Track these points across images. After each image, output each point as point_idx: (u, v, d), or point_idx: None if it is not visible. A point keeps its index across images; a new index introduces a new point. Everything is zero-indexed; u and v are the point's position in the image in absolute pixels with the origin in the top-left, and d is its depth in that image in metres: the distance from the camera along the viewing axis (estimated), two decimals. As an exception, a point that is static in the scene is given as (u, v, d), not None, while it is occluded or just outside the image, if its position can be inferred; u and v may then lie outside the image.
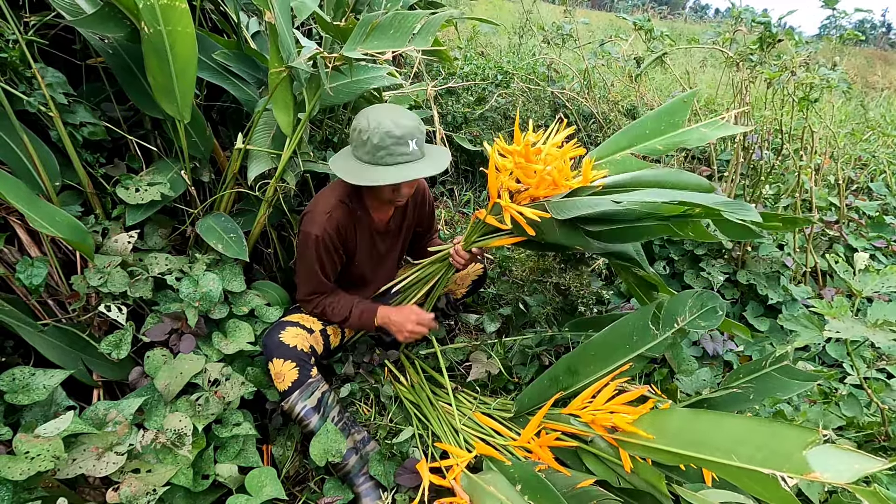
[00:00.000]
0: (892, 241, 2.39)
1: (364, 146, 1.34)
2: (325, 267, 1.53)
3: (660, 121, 1.47)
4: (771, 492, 0.91)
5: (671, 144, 1.42)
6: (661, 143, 1.43)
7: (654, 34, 2.52)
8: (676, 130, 1.43)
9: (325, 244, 1.48)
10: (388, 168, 1.33)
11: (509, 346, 1.85)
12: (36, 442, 1.02)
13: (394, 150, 1.32)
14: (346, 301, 1.59)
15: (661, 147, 1.42)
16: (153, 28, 1.27)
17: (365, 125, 1.33)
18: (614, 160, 1.52)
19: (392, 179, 1.32)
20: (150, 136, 1.60)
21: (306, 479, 1.52)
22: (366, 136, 1.33)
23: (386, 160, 1.33)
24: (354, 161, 1.39)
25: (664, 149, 1.42)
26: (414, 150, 1.35)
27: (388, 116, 1.33)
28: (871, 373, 1.77)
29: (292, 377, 1.44)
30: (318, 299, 1.58)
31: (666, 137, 1.44)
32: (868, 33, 12.40)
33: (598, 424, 1.29)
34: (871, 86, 5.87)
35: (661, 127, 1.46)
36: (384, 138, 1.31)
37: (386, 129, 1.31)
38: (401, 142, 1.32)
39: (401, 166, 1.34)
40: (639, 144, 1.48)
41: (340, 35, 1.43)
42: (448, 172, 2.88)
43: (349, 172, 1.37)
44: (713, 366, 1.81)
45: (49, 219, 1.19)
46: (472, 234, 1.58)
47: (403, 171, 1.34)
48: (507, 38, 4.48)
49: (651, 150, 1.45)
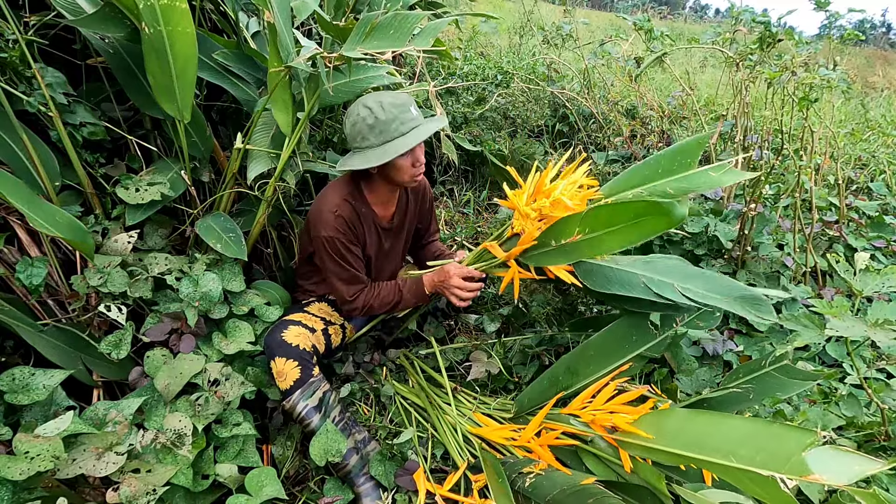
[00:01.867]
0: (891, 241, 2.39)
1: (373, 130, 1.38)
2: (350, 260, 1.55)
3: (673, 160, 1.49)
4: (771, 493, 0.91)
5: (680, 190, 1.44)
6: (672, 187, 1.46)
7: (654, 34, 2.52)
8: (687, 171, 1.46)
9: (342, 241, 1.51)
10: (406, 136, 1.40)
11: (509, 346, 1.85)
12: (36, 442, 1.02)
13: (403, 117, 1.39)
14: (387, 287, 1.62)
15: (672, 191, 1.45)
16: (153, 28, 1.27)
17: (365, 112, 1.38)
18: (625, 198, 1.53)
19: (414, 141, 1.38)
20: (150, 136, 1.60)
21: (306, 479, 1.52)
22: (371, 119, 1.37)
23: (401, 129, 1.39)
24: (367, 151, 1.41)
25: (675, 193, 1.45)
26: (417, 114, 1.43)
27: (379, 96, 1.41)
28: (871, 373, 1.76)
29: (294, 376, 1.44)
30: (361, 296, 1.59)
31: (676, 179, 1.47)
32: (868, 33, 12.39)
33: (598, 424, 1.29)
34: (871, 86, 5.87)
35: (673, 166, 1.48)
36: (390, 110, 1.38)
37: (388, 102, 1.38)
38: (405, 109, 1.40)
39: (415, 130, 1.41)
40: (649, 184, 1.50)
41: (340, 35, 1.43)
42: (448, 172, 2.88)
43: (369, 160, 1.40)
44: (713, 366, 1.81)
45: (49, 219, 1.19)
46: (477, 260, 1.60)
47: (419, 132, 1.41)
48: (508, 38, 4.49)
49: (661, 192, 1.47)
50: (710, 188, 1.44)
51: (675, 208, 1.19)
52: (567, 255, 1.38)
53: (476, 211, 2.77)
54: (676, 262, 1.45)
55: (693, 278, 1.38)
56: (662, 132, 3.09)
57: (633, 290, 1.39)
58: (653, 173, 1.51)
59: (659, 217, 1.22)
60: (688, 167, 1.46)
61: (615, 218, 1.28)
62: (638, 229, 1.25)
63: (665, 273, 1.41)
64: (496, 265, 1.56)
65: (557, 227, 1.39)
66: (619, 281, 1.42)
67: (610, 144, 3.11)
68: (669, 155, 1.50)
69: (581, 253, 1.35)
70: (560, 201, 1.41)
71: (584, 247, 1.34)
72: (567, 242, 1.36)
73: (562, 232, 1.38)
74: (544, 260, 1.44)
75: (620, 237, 1.28)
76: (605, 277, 1.43)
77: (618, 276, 1.43)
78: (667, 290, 1.36)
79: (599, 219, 1.30)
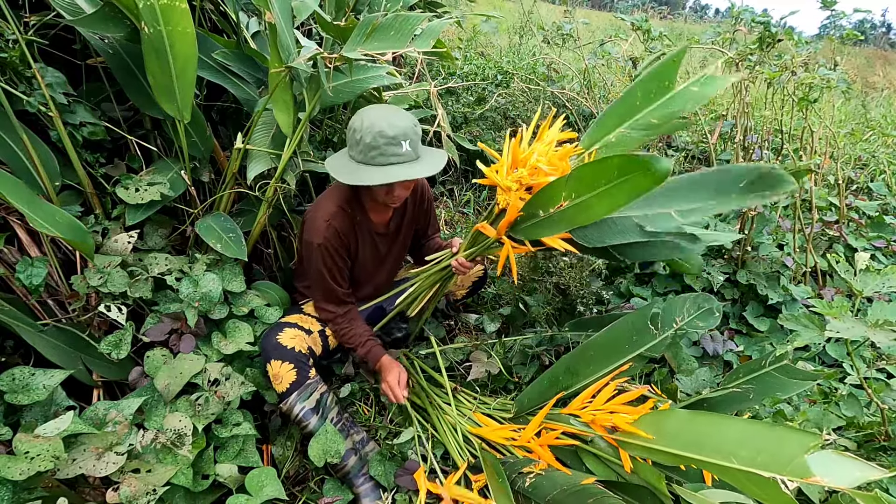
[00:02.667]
0: (891, 241, 2.39)
1: (357, 146, 1.33)
2: (333, 272, 1.54)
3: (650, 86, 1.34)
4: (771, 494, 0.91)
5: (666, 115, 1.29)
6: (654, 116, 1.31)
7: (652, 34, 2.52)
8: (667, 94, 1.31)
9: (329, 251, 1.49)
10: (379, 168, 1.32)
11: (509, 346, 1.85)
12: (36, 442, 1.02)
13: (386, 150, 1.31)
14: (357, 330, 1.60)
15: (657, 120, 1.31)
16: (153, 28, 1.27)
17: (359, 125, 1.33)
18: (609, 142, 1.41)
19: (380, 180, 1.31)
20: (150, 136, 1.60)
21: (306, 479, 1.52)
22: (359, 135, 1.32)
23: (378, 160, 1.32)
24: (348, 160, 1.39)
25: (660, 121, 1.30)
26: (407, 151, 1.33)
27: (383, 116, 1.32)
28: (871, 373, 1.77)
29: (290, 378, 1.44)
30: (334, 317, 1.59)
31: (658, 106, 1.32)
32: (868, 33, 12.39)
33: (598, 424, 1.29)
34: (871, 86, 5.86)
35: (651, 93, 1.33)
36: (376, 138, 1.30)
37: (378, 129, 1.30)
38: (393, 142, 1.31)
39: (391, 167, 1.32)
40: (631, 119, 1.36)
41: (341, 35, 1.43)
42: (448, 172, 2.88)
43: (340, 171, 1.38)
44: (713, 366, 1.81)
45: (49, 219, 1.19)
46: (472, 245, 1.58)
47: (393, 171, 1.32)
48: (507, 37, 4.48)
49: (646, 125, 1.33)
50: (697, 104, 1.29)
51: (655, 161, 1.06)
52: (557, 224, 1.27)
53: (476, 211, 2.77)
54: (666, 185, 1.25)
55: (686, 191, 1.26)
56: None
57: (629, 234, 1.30)
58: (631, 107, 1.37)
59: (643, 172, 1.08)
60: (667, 90, 1.31)
61: (599, 177, 1.14)
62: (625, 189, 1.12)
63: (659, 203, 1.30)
64: (491, 245, 1.50)
65: (543, 196, 1.28)
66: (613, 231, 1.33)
67: (610, 144, 3.10)
68: (644, 82, 1.35)
69: (571, 219, 1.24)
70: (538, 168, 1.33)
71: (574, 213, 1.22)
72: (555, 211, 1.26)
73: (549, 199, 1.27)
74: (535, 232, 1.35)
75: (608, 200, 1.15)
76: (599, 231, 1.35)
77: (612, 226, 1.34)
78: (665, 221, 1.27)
79: (583, 181, 1.18)
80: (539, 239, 1.37)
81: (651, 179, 1.08)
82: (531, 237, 1.37)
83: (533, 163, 1.34)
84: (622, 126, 1.38)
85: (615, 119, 1.39)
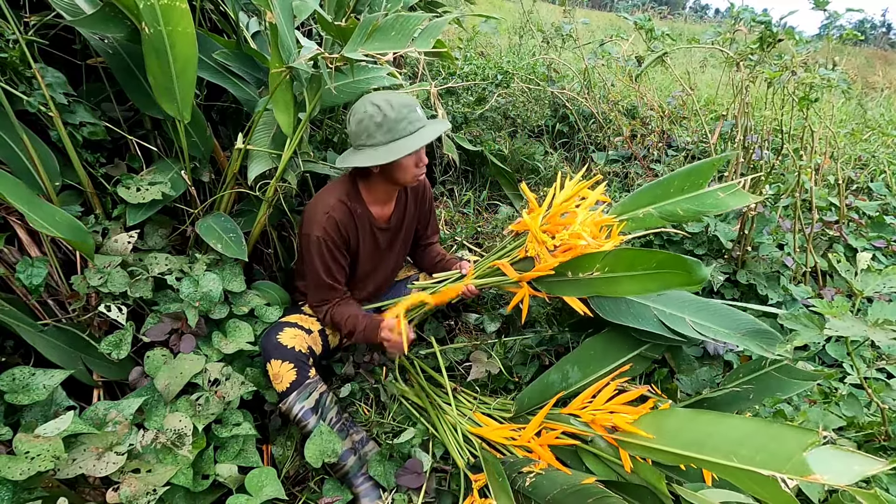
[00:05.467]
0: (892, 241, 2.38)
1: (381, 128, 1.38)
2: (331, 268, 1.53)
3: (686, 180, 1.52)
4: (771, 493, 0.91)
5: (690, 212, 1.48)
6: (682, 207, 1.49)
7: (655, 34, 2.52)
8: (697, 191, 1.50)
9: (327, 244, 1.49)
10: (411, 136, 1.40)
11: (509, 346, 1.85)
12: (36, 442, 1.02)
13: (412, 117, 1.40)
14: (353, 314, 1.57)
15: (682, 212, 1.49)
16: (153, 28, 1.27)
17: (373, 109, 1.38)
18: (636, 216, 1.57)
19: (419, 143, 1.38)
20: (150, 136, 1.60)
21: (306, 479, 1.52)
22: (379, 117, 1.37)
23: (408, 129, 1.40)
24: (370, 150, 1.41)
25: (684, 214, 1.48)
26: (422, 115, 1.44)
27: (388, 95, 1.41)
28: (871, 373, 1.76)
29: (290, 378, 1.44)
30: (328, 307, 1.58)
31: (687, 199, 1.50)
32: (868, 33, 12.39)
33: (598, 424, 1.29)
34: (871, 86, 5.86)
35: (685, 186, 1.52)
36: (400, 110, 1.38)
37: (398, 102, 1.38)
38: (412, 109, 1.40)
39: (422, 130, 1.42)
40: (661, 203, 1.54)
41: (341, 35, 1.43)
42: (448, 172, 2.88)
43: (375, 158, 1.39)
44: (713, 366, 1.80)
45: (49, 219, 1.19)
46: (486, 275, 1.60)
47: (426, 133, 1.41)
48: (507, 38, 4.48)
49: (671, 213, 1.51)
50: (717, 210, 1.47)
51: (698, 268, 1.20)
52: (582, 288, 1.39)
53: (476, 211, 2.76)
54: (686, 294, 1.48)
55: (704, 311, 1.42)
56: (662, 132, 3.09)
57: (647, 323, 1.42)
58: (665, 192, 1.55)
59: (681, 272, 1.23)
60: (699, 187, 1.50)
61: (637, 263, 1.29)
62: (658, 280, 1.26)
63: (677, 306, 1.43)
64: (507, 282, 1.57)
65: (576, 261, 1.40)
66: (631, 313, 1.45)
67: (610, 144, 3.11)
68: (683, 175, 1.54)
69: (597, 289, 1.36)
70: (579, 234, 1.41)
71: (601, 284, 1.35)
72: (584, 277, 1.38)
73: (580, 266, 1.39)
74: (558, 289, 1.45)
75: (639, 284, 1.29)
76: (618, 308, 1.46)
77: (630, 308, 1.45)
78: (680, 324, 1.39)
79: (621, 261, 1.31)
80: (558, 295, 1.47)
81: (687, 280, 1.23)
82: (553, 293, 1.47)
83: (577, 231, 1.42)
84: (651, 206, 1.56)
85: (649, 198, 1.57)
